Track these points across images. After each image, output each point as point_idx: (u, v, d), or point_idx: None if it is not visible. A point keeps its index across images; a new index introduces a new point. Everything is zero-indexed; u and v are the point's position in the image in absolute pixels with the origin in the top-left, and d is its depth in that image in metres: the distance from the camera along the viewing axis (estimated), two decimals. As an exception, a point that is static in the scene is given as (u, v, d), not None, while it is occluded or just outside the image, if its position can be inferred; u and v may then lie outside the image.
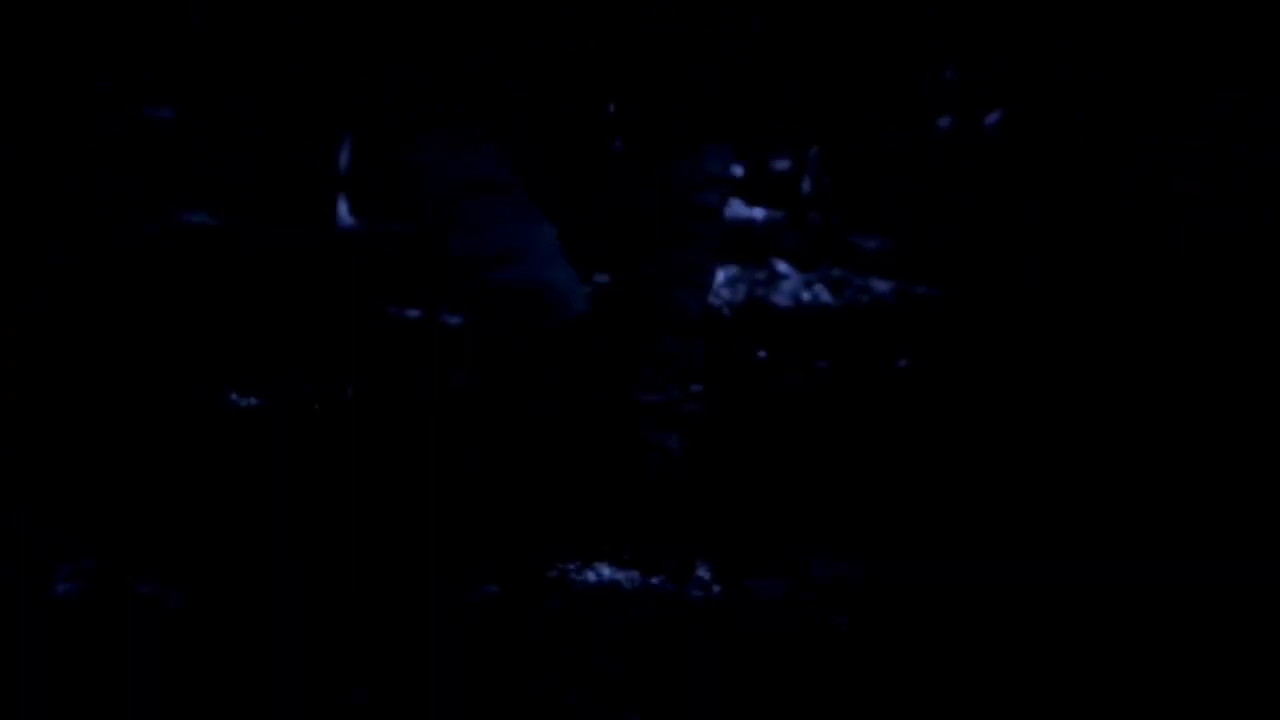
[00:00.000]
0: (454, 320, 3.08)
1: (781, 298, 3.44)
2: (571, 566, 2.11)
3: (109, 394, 2.67)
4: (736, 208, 4.19)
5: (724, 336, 3.17)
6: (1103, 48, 4.65)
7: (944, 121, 4.91)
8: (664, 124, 2.32)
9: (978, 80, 4.89)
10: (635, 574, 2.11)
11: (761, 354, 3.05)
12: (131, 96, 4.11)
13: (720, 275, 3.50)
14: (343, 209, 3.72)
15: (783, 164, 4.59)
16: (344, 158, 3.57)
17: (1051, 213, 4.24)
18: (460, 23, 2.16)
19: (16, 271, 3.23)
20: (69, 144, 3.94)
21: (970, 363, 3.06)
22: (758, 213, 4.18)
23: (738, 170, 4.56)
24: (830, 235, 4.00)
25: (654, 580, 2.10)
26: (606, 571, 2.11)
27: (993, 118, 4.89)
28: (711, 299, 3.36)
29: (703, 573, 2.12)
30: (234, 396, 2.61)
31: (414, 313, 3.17)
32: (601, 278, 3.05)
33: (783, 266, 3.59)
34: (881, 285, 3.55)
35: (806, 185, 4.20)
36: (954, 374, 2.98)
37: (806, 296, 3.44)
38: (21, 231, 3.46)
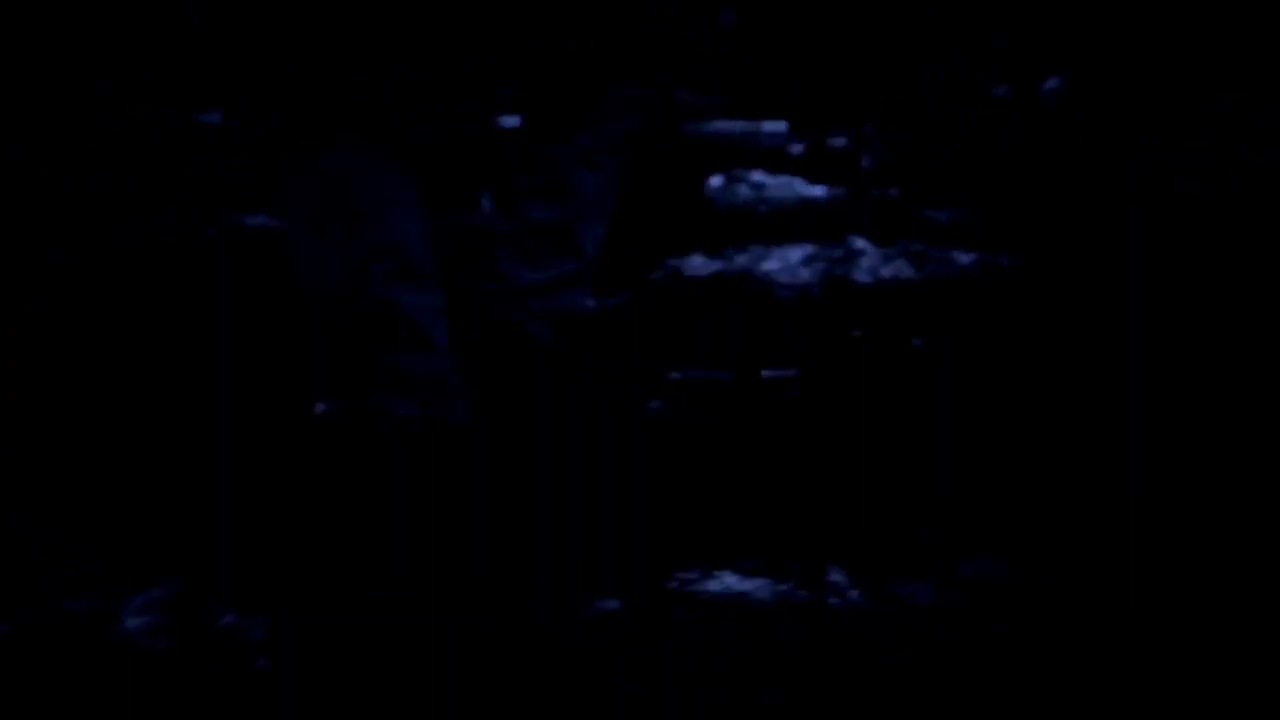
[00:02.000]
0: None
1: (861, 274, 3.31)
2: (692, 575, 1.92)
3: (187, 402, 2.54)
4: (798, 187, 4.04)
5: (810, 317, 3.02)
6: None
7: (1000, 90, 4.86)
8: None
9: (1031, 48, 4.85)
10: (765, 582, 1.91)
11: (855, 331, 2.88)
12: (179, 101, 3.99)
13: (797, 254, 3.38)
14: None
15: (840, 141, 4.48)
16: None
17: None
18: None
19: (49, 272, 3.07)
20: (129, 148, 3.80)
21: (1067, 330, 2.90)
22: (819, 190, 4.04)
23: (796, 148, 4.45)
24: (896, 210, 3.87)
25: (785, 588, 1.90)
26: (732, 580, 1.91)
27: (1051, 84, 4.80)
28: (789, 278, 3.22)
29: (837, 577, 1.92)
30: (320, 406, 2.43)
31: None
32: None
33: (860, 243, 3.46)
34: (964, 257, 3.41)
35: (866, 161, 4.09)
36: (1048, 344, 2.81)
37: (887, 272, 3.30)
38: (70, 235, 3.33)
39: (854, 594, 1.88)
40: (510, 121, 2.58)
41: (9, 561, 2.01)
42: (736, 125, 5.16)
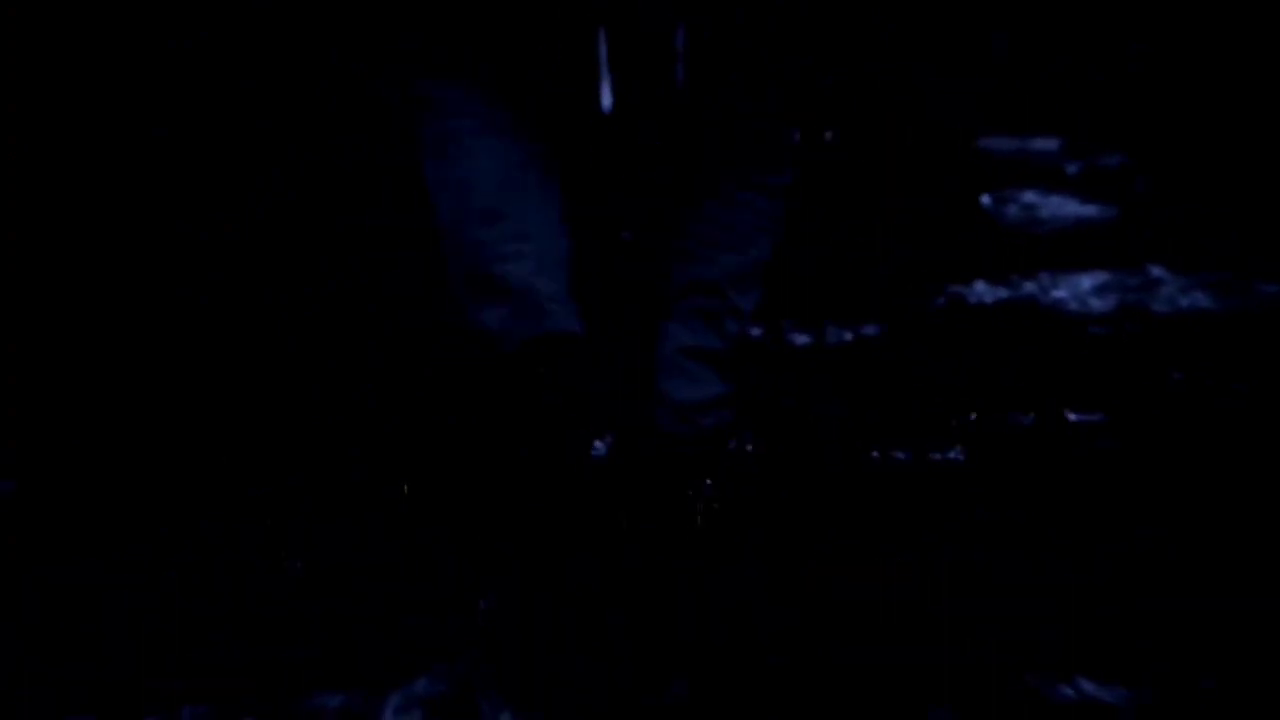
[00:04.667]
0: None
1: (1159, 304, 3.09)
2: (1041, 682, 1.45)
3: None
4: (1071, 207, 3.74)
5: (1112, 351, 2.81)
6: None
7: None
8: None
9: None
10: (1121, 691, 1.43)
11: (1177, 375, 2.47)
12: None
13: (1087, 282, 3.20)
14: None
15: (1113, 160, 4.23)
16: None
17: None
18: None
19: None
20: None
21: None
22: (1092, 210, 3.72)
23: (1072, 168, 4.30)
24: (1184, 234, 3.52)
25: (1147, 699, 1.42)
26: (1089, 688, 1.42)
27: None
28: (1080, 307, 2.85)
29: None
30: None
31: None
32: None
33: (1158, 271, 3.10)
34: (1267, 288, 3.19)
35: (1140, 181, 3.81)
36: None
37: (1185, 302, 2.88)
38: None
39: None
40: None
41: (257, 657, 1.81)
42: (1006, 142, 4.89)
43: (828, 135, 3.80)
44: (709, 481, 1.95)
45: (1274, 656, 1.66)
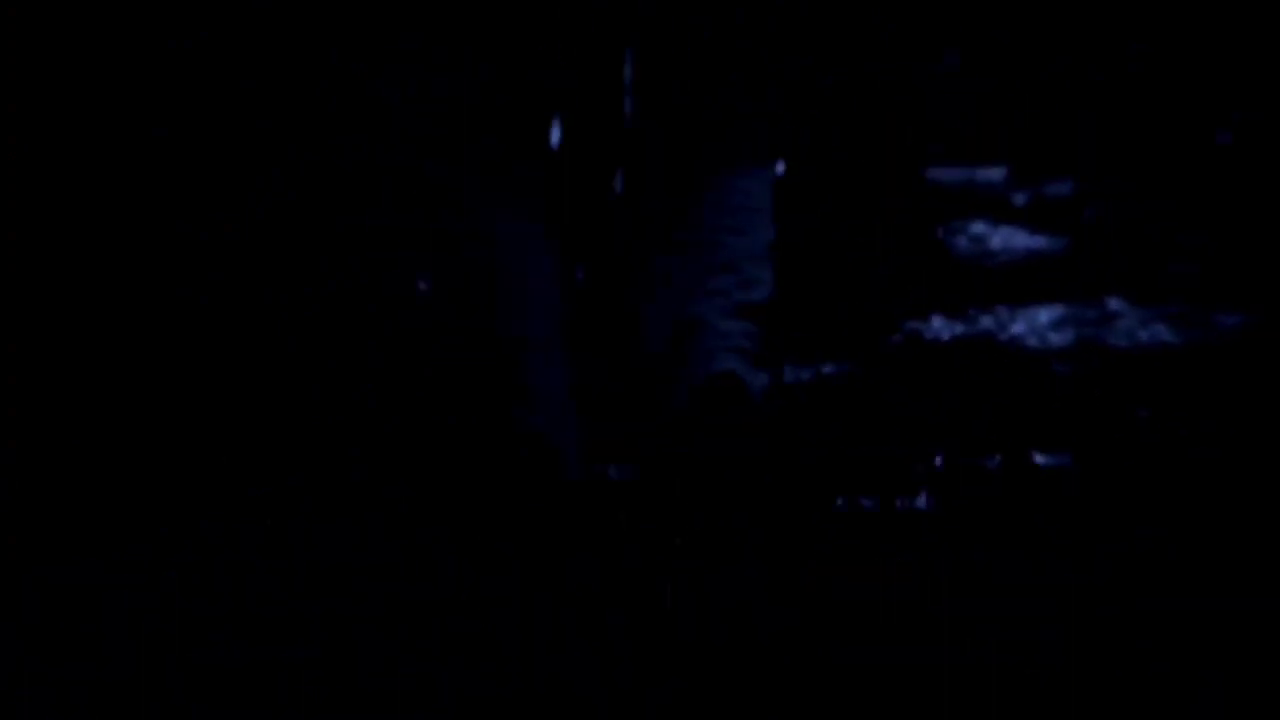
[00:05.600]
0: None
1: (1117, 338, 3.01)
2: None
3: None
4: (1021, 239, 3.76)
5: (1076, 388, 2.73)
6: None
7: (1223, 138, 4.55)
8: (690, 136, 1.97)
9: (1260, 94, 4.62)
10: None
11: (1142, 412, 2.44)
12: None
13: (1045, 316, 3.12)
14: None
15: (1059, 189, 4.20)
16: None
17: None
18: None
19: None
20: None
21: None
22: (1040, 241, 3.69)
23: (1020, 199, 4.18)
24: (1122, 265, 3.50)
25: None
26: None
27: None
28: (1038, 343, 2.82)
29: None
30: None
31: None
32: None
33: (1115, 303, 3.05)
34: (1229, 319, 3.09)
35: (1089, 211, 3.77)
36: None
37: (1145, 336, 2.91)
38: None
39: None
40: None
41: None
42: (952, 172, 4.87)
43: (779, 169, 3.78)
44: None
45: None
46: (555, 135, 1.88)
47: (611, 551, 1.90)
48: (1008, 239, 3.84)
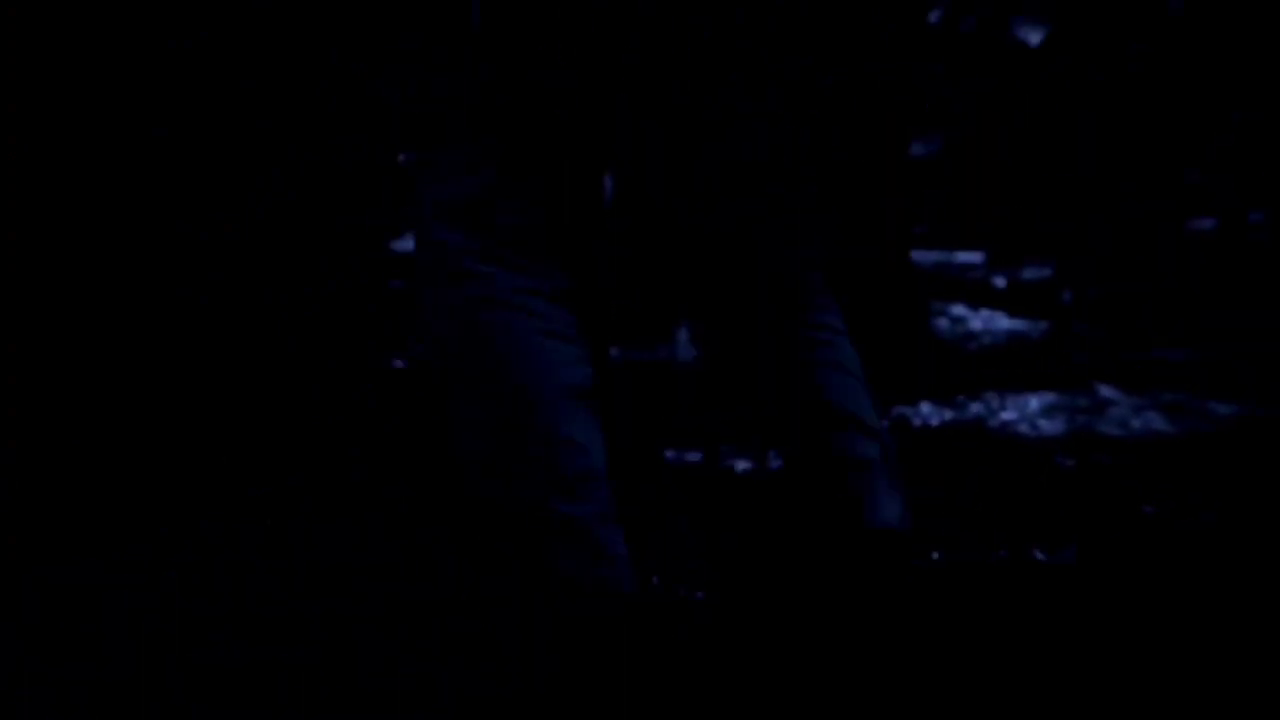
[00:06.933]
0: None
1: (1110, 426, 2.94)
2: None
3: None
4: (1001, 321, 3.83)
5: (1073, 479, 2.60)
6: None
7: (1206, 222, 4.81)
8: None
9: (1240, 177, 4.73)
10: None
11: (1146, 508, 2.40)
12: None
13: (1036, 403, 3.08)
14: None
15: (1036, 273, 4.28)
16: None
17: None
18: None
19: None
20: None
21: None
22: (1021, 324, 3.71)
23: (1000, 282, 4.34)
24: (1106, 346, 3.51)
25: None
26: None
27: (1255, 217, 4.65)
28: (1030, 430, 2.79)
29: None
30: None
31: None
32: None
33: (1107, 391, 3.04)
34: (1222, 408, 3.04)
35: (1067, 294, 3.81)
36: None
37: (1137, 424, 2.93)
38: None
39: None
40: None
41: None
42: (930, 255, 4.92)
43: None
44: None
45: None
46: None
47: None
48: (989, 321, 3.83)
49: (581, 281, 1.80)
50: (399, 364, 3.14)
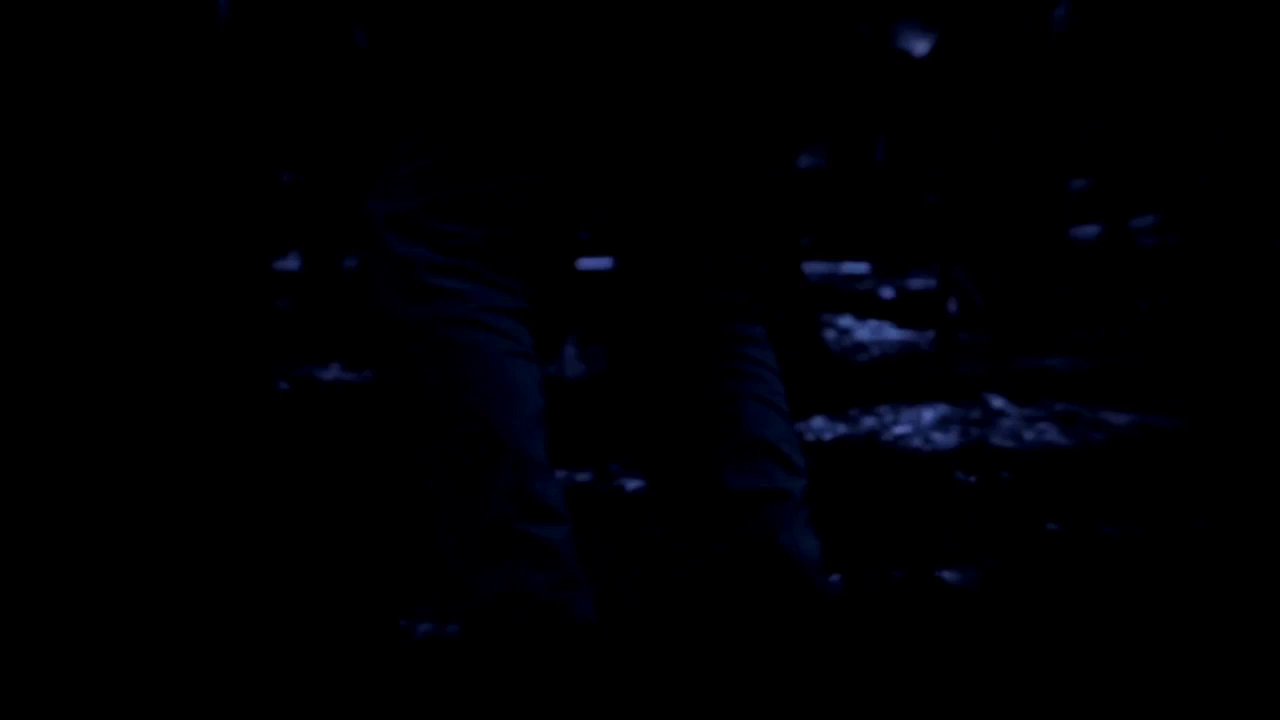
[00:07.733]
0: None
1: (1002, 438, 2.88)
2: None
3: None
4: (888, 332, 3.79)
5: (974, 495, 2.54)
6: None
7: (1091, 229, 5.00)
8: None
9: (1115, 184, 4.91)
10: None
11: (1051, 525, 2.39)
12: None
13: (929, 415, 2.99)
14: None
15: (920, 283, 4.36)
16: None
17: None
18: None
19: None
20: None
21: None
22: (908, 335, 3.75)
23: (887, 293, 4.29)
24: (994, 355, 3.50)
25: None
26: None
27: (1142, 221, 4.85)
28: (923, 444, 2.80)
29: None
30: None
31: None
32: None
33: (999, 402, 3.04)
34: (1116, 418, 2.97)
35: (952, 305, 3.81)
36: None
37: (1030, 436, 2.86)
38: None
39: None
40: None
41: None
42: (818, 267, 4.94)
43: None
44: None
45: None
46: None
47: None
48: (876, 331, 3.81)
49: (540, 298, 1.80)
50: (284, 386, 3.05)
